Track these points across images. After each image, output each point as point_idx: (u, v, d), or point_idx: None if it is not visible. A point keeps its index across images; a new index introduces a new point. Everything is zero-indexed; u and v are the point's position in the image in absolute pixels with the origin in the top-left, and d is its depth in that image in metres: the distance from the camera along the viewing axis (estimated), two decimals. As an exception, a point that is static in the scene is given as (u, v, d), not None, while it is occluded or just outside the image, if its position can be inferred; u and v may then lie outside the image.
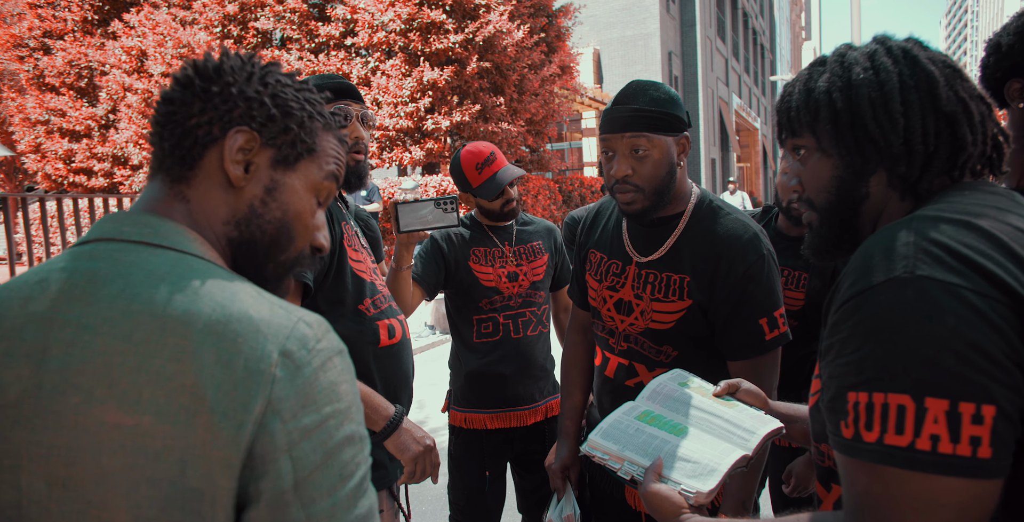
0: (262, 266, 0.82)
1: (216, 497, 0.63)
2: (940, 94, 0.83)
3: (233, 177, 0.78)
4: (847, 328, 0.74)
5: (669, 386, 1.30)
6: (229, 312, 0.67)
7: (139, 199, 0.79)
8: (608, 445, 1.20)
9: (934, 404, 0.66)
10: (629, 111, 1.51)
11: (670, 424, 1.21)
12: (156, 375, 0.63)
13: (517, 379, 2.25)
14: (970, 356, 0.66)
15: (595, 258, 1.76)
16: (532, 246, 2.35)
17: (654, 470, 1.10)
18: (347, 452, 0.68)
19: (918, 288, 0.69)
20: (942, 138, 0.83)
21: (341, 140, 0.89)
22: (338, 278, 1.55)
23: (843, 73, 0.88)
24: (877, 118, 0.84)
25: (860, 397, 0.71)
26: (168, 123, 0.78)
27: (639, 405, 1.28)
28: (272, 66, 0.83)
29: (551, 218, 12.42)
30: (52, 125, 14.25)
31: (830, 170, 0.90)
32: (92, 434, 0.63)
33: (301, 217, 0.83)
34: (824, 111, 0.88)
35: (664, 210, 1.60)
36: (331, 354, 0.70)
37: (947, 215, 0.76)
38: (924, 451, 0.66)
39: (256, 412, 0.63)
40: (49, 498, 0.64)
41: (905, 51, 0.87)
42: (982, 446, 0.65)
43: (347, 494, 0.67)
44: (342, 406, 0.68)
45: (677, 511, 1.03)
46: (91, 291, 0.68)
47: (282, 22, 11.91)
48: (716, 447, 1.14)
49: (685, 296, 1.57)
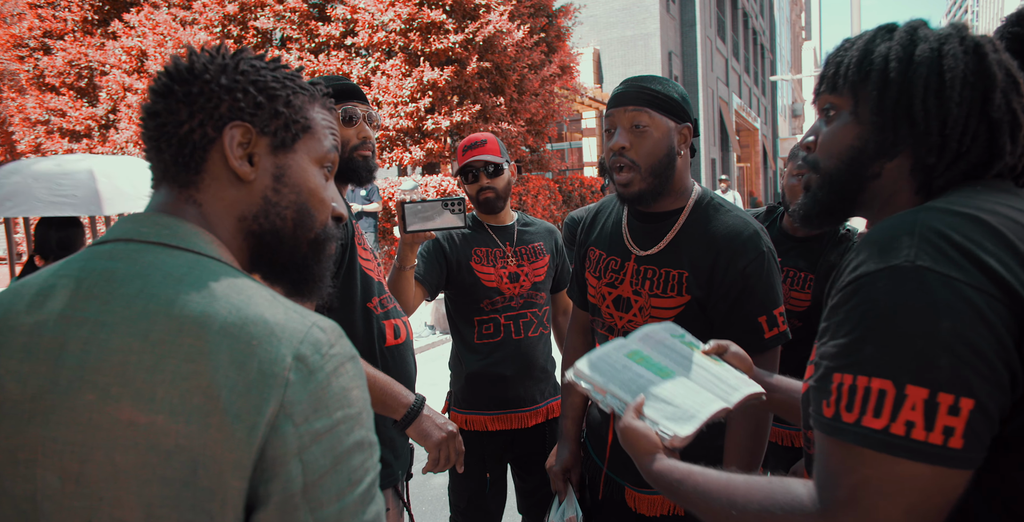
0: (295, 249, 0.83)
1: (226, 498, 0.63)
2: (994, 99, 0.82)
3: (242, 174, 0.78)
4: (843, 311, 0.75)
5: (661, 334, 1.30)
6: (245, 315, 0.67)
7: (150, 204, 0.80)
8: (594, 376, 1.20)
9: (914, 391, 0.68)
10: (636, 87, 1.56)
11: (657, 366, 1.21)
12: (171, 375, 0.64)
13: (518, 381, 2.25)
14: (957, 349, 0.67)
15: (594, 255, 1.76)
16: (533, 247, 2.35)
17: (635, 406, 1.10)
18: (356, 458, 0.68)
19: (916, 278, 0.70)
20: (978, 142, 0.82)
21: (329, 108, 0.89)
22: (349, 275, 1.57)
23: (909, 46, 0.85)
24: (926, 102, 0.82)
25: (845, 378, 0.73)
26: (161, 136, 0.78)
27: (630, 344, 1.28)
28: (242, 53, 0.83)
29: (551, 218, 12.42)
30: (52, 125, 14.25)
31: (852, 139, 0.88)
32: (106, 431, 0.64)
33: (315, 193, 0.84)
34: (876, 76, 0.86)
35: (664, 203, 1.62)
36: (344, 359, 0.70)
37: (956, 208, 0.76)
38: (898, 435, 0.68)
39: (269, 415, 0.64)
40: (62, 493, 0.65)
41: (977, 46, 0.84)
42: (954, 437, 0.67)
43: (355, 500, 0.68)
44: (353, 412, 0.69)
45: (652, 449, 1.03)
46: (109, 290, 0.69)
47: (282, 22, 11.91)
48: (699, 395, 1.14)
49: (683, 292, 1.57)
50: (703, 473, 0.92)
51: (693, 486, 0.91)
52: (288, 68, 0.85)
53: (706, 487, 0.88)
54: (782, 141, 39.65)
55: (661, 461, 1.01)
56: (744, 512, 0.81)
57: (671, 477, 0.96)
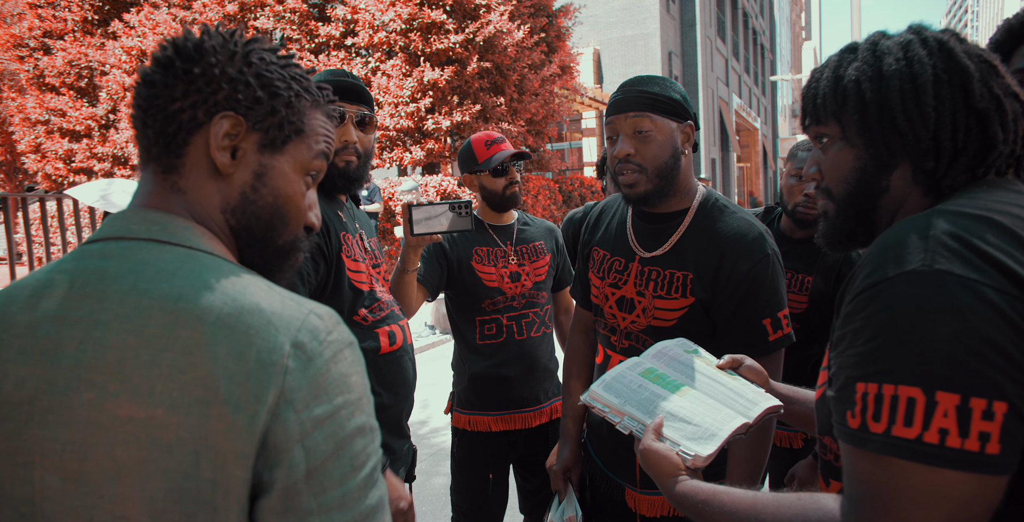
0: (261, 252, 0.82)
1: (230, 488, 0.63)
2: (974, 90, 0.81)
3: (220, 164, 0.76)
4: (860, 319, 0.73)
5: (675, 350, 1.29)
6: (240, 305, 0.67)
7: (135, 193, 0.79)
8: (609, 398, 1.19)
9: (945, 398, 0.66)
10: (634, 92, 1.54)
11: (673, 384, 1.19)
12: (169, 368, 0.64)
13: (522, 381, 2.24)
14: (984, 352, 0.66)
15: (598, 255, 1.76)
16: (534, 246, 2.34)
17: (654, 428, 1.09)
18: (358, 442, 0.68)
19: (935, 282, 0.69)
20: (972, 135, 0.82)
21: (330, 116, 0.87)
22: (336, 292, 1.53)
23: (875, 62, 0.85)
24: (907, 111, 0.83)
25: (869, 388, 0.71)
26: (150, 108, 0.76)
27: (643, 362, 1.26)
28: (255, 43, 0.80)
29: (551, 218, 12.42)
30: (52, 125, 14.24)
31: (852, 160, 0.89)
32: (106, 428, 0.64)
33: (293, 200, 0.82)
34: (852, 101, 0.87)
35: (669, 204, 1.61)
36: (342, 346, 0.70)
37: (968, 210, 0.75)
38: (932, 444, 0.66)
39: (269, 403, 0.64)
40: (63, 493, 0.65)
41: (941, 43, 0.84)
42: (991, 442, 0.65)
43: (358, 484, 0.68)
44: (353, 397, 0.69)
45: (674, 471, 1.02)
46: (102, 288, 0.69)
47: (282, 22, 11.91)
48: (718, 412, 1.12)
49: (688, 293, 1.57)
50: (729, 493, 0.91)
51: (720, 507, 0.90)
52: (299, 67, 0.83)
53: (733, 507, 0.87)
54: (782, 141, 39.64)
55: (685, 483, 1.00)
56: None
57: (696, 498, 0.95)
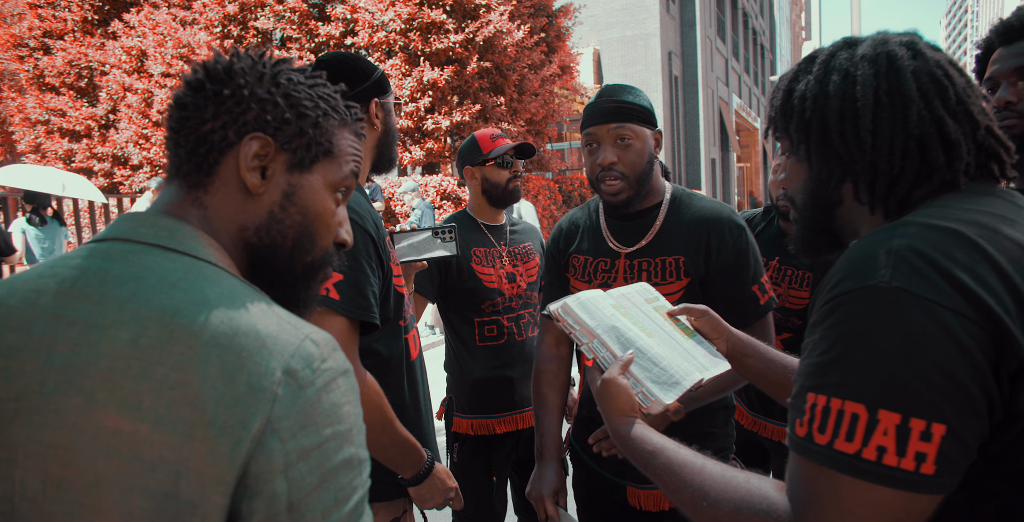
0: (288, 269, 0.82)
1: (208, 512, 0.62)
2: (911, 115, 0.80)
3: (251, 185, 0.77)
4: (820, 330, 0.74)
5: (636, 297, 1.26)
6: (236, 325, 0.66)
7: (156, 201, 0.79)
8: (584, 317, 1.13)
9: (886, 416, 0.67)
10: (613, 103, 1.64)
11: (641, 325, 1.15)
12: (159, 383, 0.63)
13: (523, 381, 2.23)
14: (930, 375, 0.66)
15: (578, 262, 1.78)
16: (524, 247, 2.35)
17: (624, 362, 1.06)
18: (345, 475, 0.67)
19: (892, 300, 0.69)
20: (910, 159, 0.81)
21: (359, 134, 0.88)
22: (386, 298, 1.54)
23: (823, 78, 0.86)
24: (844, 133, 0.83)
25: (819, 399, 0.72)
26: (182, 129, 0.77)
27: (610, 298, 1.21)
28: (283, 64, 0.82)
29: (551, 218, 12.43)
30: (52, 125, 14.26)
31: (804, 173, 0.91)
32: (90, 437, 0.62)
33: (322, 217, 0.83)
34: (796, 119, 0.88)
35: (643, 202, 1.71)
36: (335, 374, 0.68)
37: (935, 222, 0.74)
38: (870, 460, 0.68)
39: (254, 430, 0.62)
40: (43, 497, 0.63)
41: (892, 61, 0.83)
42: (926, 462, 0.66)
43: (342, 518, 0.66)
44: (343, 428, 0.67)
45: (629, 411, 1.01)
46: (102, 291, 0.68)
47: (282, 22, 11.91)
48: (682, 361, 1.09)
49: (683, 275, 1.66)
50: (676, 451, 0.90)
51: (666, 463, 0.89)
52: (327, 86, 0.84)
53: (680, 469, 0.87)
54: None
55: (638, 427, 0.98)
56: (716, 508, 0.80)
57: (643, 447, 0.94)
